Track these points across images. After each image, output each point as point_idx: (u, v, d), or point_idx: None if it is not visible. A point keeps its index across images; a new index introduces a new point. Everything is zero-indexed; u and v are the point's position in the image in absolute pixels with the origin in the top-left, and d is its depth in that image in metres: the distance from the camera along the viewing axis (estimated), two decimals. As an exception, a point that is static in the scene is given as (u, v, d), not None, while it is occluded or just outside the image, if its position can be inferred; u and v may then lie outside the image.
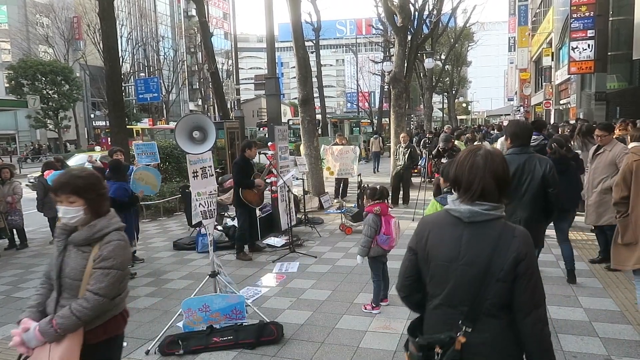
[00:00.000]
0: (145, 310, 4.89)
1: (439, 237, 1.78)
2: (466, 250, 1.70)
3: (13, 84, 33.39)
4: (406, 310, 4.48)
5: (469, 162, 1.76)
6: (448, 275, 1.73)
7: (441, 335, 1.72)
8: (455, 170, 1.79)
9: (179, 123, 4.21)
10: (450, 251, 1.73)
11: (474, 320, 1.69)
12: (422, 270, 1.85)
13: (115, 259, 2.17)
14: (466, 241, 1.71)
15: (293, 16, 10.20)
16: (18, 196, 8.13)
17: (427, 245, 1.81)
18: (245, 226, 6.83)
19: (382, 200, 4.51)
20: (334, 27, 78.67)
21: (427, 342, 1.75)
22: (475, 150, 1.80)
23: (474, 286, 1.68)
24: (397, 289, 2.00)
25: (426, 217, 1.98)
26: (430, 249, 1.80)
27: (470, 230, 1.72)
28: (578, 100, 22.37)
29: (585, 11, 18.59)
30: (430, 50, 24.49)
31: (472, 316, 1.69)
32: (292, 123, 27.17)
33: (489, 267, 1.66)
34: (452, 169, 1.82)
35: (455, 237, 1.74)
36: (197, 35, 48.91)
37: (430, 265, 1.80)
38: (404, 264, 1.94)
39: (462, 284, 1.70)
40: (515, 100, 53.42)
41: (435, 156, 8.52)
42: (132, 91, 34.45)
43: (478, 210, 1.70)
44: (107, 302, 2.17)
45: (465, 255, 1.70)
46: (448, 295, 1.74)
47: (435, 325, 1.79)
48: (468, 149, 1.85)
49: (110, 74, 11.12)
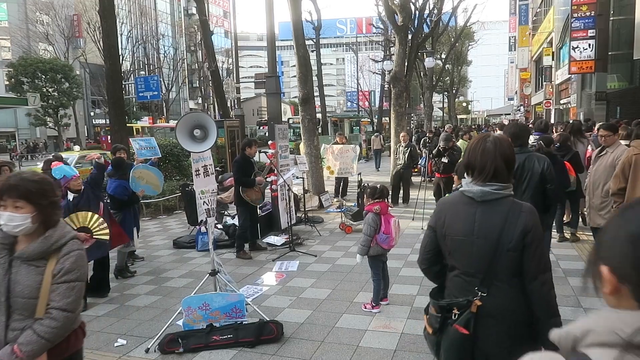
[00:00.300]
0: (145, 309, 4.89)
1: (455, 215, 2.03)
2: (480, 225, 1.94)
3: (13, 81, 33.36)
4: (406, 309, 4.48)
5: (481, 148, 1.99)
6: (465, 248, 1.98)
7: (460, 298, 1.96)
8: (468, 156, 2.03)
9: (180, 121, 4.22)
10: (465, 227, 1.97)
11: (488, 286, 1.91)
12: (441, 245, 2.09)
13: (78, 271, 2.01)
14: (479, 218, 1.95)
15: (293, 15, 10.18)
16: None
17: (445, 223, 2.05)
18: (246, 225, 6.83)
19: (382, 199, 4.51)
20: (334, 26, 78.62)
21: (447, 304, 1.99)
22: (484, 137, 2.05)
23: (487, 256, 1.91)
24: (419, 262, 2.28)
25: (443, 198, 2.29)
26: (447, 226, 2.04)
27: (483, 208, 1.95)
28: (578, 100, 22.36)
29: (586, 11, 18.57)
30: (431, 50, 24.46)
31: (487, 282, 1.92)
32: (293, 122, 27.13)
33: (500, 239, 1.88)
34: (464, 156, 2.06)
35: (469, 215, 1.97)
36: (197, 33, 48.88)
37: (448, 241, 2.04)
38: (424, 240, 2.19)
39: (478, 255, 1.93)
40: (516, 99, 53.40)
41: (436, 155, 8.51)
42: (132, 89, 34.42)
43: (489, 190, 1.93)
44: (74, 317, 2.04)
45: (479, 230, 1.93)
46: (466, 265, 1.98)
47: (455, 291, 2.03)
48: (478, 137, 2.10)
49: (111, 72, 11.12)
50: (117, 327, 4.43)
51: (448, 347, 1.96)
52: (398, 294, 4.91)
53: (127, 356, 3.84)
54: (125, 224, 5.77)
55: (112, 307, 4.99)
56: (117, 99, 11.17)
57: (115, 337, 4.19)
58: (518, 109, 47.17)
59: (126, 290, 5.51)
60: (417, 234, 7.55)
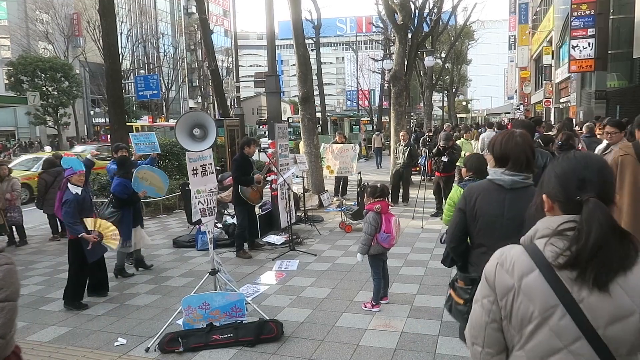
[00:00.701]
0: (145, 308, 4.89)
1: (487, 199, 2.37)
2: (509, 209, 2.29)
3: (13, 80, 33.31)
4: (406, 308, 4.49)
5: (513, 142, 2.31)
6: (494, 227, 2.32)
7: None
8: (501, 149, 2.34)
9: (180, 120, 4.21)
10: (496, 210, 2.33)
11: None
12: (469, 225, 2.43)
13: (8, 288, 1.75)
14: (508, 202, 2.30)
15: (293, 14, 10.17)
16: (17, 193, 8.13)
17: (475, 206, 2.39)
18: (245, 224, 6.83)
19: (383, 198, 4.50)
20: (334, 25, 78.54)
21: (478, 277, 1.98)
22: (512, 133, 2.36)
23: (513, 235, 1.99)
24: (448, 241, 2.59)
25: (472, 185, 2.60)
26: (478, 209, 2.38)
27: (512, 194, 2.30)
28: (578, 98, 22.36)
29: (585, 9, 18.55)
30: (431, 49, 24.44)
31: None
32: (292, 121, 27.12)
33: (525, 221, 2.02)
34: (496, 148, 2.37)
35: (500, 200, 2.33)
36: (197, 32, 48.86)
37: (478, 221, 2.38)
38: (454, 221, 2.51)
39: (505, 233, 2.20)
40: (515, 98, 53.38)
41: (436, 154, 8.51)
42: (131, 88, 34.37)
43: (517, 180, 2.29)
44: (5, 343, 1.76)
45: (508, 212, 2.27)
46: (494, 242, 2.12)
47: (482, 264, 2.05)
48: (504, 133, 2.42)
49: (110, 71, 11.10)
50: (117, 327, 4.43)
51: None
52: (398, 293, 4.91)
53: (127, 355, 3.84)
54: (123, 223, 5.76)
55: (112, 306, 4.99)
56: (116, 98, 11.16)
57: (115, 337, 4.19)
58: (518, 108, 47.14)
59: (126, 290, 5.52)
60: (416, 233, 7.55)
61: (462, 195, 2.52)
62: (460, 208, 2.47)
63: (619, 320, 1.19)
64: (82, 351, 3.95)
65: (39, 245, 8.18)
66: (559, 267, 1.25)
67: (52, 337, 4.29)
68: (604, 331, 1.19)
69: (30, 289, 5.73)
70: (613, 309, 1.19)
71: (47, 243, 8.24)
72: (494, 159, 2.40)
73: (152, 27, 47.97)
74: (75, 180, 4.92)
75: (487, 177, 2.42)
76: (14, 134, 40.28)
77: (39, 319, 4.74)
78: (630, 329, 1.19)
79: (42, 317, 4.77)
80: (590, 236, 1.21)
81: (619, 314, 1.19)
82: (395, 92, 12.39)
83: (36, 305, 5.14)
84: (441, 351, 3.63)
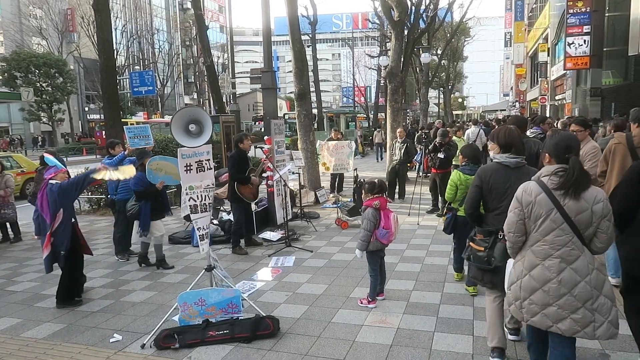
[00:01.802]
0: (140, 304, 4.88)
1: (498, 176, 3.27)
2: (515, 182, 3.05)
3: (6, 76, 33.09)
4: (402, 304, 4.50)
5: (514, 134, 3.29)
6: (506, 196, 3.18)
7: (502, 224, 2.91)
8: (505, 140, 3.27)
9: (175, 116, 4.18)
10: (506, 183, 3.23)
11: None
12: (485, 196, 3.33)
13: None
14: (514, 177, 3.19)
15: (289, 10, 10.13)
16: (10, 189, 8.07)
17: (490, 182, 3.28)
18: (241, 220, 6.81)
19: (381, 194, 4.49)
20: (330, 21, 78.40)
21: (496, 229, 3.24)
22: (510, 128, 3.36)
23: None
24: (467, 207, 3.43)
25: (483, 168, 3.46)
26: (493, 184, 3.28)
27: (516, 171, 3.24)
28: (573, 95, 22.44)
29: (581, 7, 18.61)
30: (427, 45, 24.40)
31: None
32: (288, 117, 27.09)
33: None
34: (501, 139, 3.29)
35: (507, 176, 3.24)
36: (192, 28, 48.58)
37: (493, 192, 3.28)
38: (472, 194, 3.39)
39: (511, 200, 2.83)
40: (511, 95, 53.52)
41: (432, 151, 8.51)
42: (126, 84, 34.24)
43: (519, 161, 3.26)
44: None
45: (515, 184, 2.94)
46: (504, 206, 3.00)
47: (496, 223, 3.25)
48: (504, 128, 3.38)
49: (105, 66, 11.03)
50: (112, 323, 4.41)
51: (501, 253, 3.11)
52: (394, 289, 4.92)
53: (122, 352, 3.83)
54: (141, 215, 5.97)
55: (107, 302, 4.97)
56: (111, 94, 11.09)
57: (111, 333, 4.17)
58: (513, 105, 47.27)
59: (121, 286, 5.50)
60: (412, 230, 7.56)
61: (477, 175, 3.39)
62: (477, 185, 3.35)
63: (581, 212, 2.48)
64: (77, 348, 3.94)
65: (33, 242, 8.13)
66: (554, 189, 2.52)
67: (47, 333, 4.27)
68: (574, 218, 2.49)
69: (25, 286, 5.70)
70: (579, 208, 2.48)
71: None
72: (499, 147, 3.31)
73: (147, 23, 47.67)
74: (61, 178, 4.85)
75: (494, 161, 3.33)
76: (8, 130, 40.00)
77: (33, 315, 4.71)
78: (587, 216, 2.48)
79: (37, 314, 4.74)
80: (573, 174, 2.47)
81: (581, 210, 2.48)
82: (392, 89, 12.38)
83: (31, 302, 5.11)
84: (437, 347, 3.64)
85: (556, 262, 2.53)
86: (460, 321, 4.07)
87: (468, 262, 3.47)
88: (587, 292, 2.49)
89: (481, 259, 3.26)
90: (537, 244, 2.59)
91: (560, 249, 2.52)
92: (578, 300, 2.50)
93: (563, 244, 2.51)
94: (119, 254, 6.69)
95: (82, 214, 10.13)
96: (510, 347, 3.51)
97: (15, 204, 8.32)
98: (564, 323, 2.53)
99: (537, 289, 2.59)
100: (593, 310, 2.50)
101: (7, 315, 4.75)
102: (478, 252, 3.29)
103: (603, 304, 2.52)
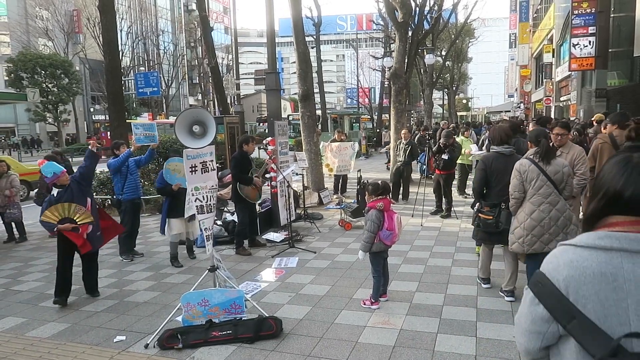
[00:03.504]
0: (144, 304, 4.90)
1: (498, 162, 4.48)
2: (509, 165, 4.21)
3: (12, 77, 33.29)
4: (405, 306, 4.50)
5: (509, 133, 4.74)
6: (503, 176, 4.30)
7: (503, 197, 4.30)
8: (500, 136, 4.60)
9: (179, 117, 4.20)
10: (504, 167, 4.37)
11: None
12: (490, 177, 4.50)
13: None
14: (509, 162, 4.30)
15: (294, 11, 10.15)
16: (16, 189, 8.12)
17: (492, 166, 4.49)
18: (245, 221, 6.82)
19: (385, 196, 4.49)
20: (334, 23, 78.46)
21: (499, 201, 4.37)
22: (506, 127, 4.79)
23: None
24: (476, 186, 4.60)
25: (486, 155, 4.82)
26: (495, 167, 4.47)
27: (509, 158, 4.44)
28: (578, 97, 22.34)
29: (586, 8, 18.52)
30: (431, 46, 24.39)
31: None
32: (292, 118, 27.09)
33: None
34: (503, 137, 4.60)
35: (505, 162, 4.43)
36: (197, 29, 48.73)
37: (494, 174, 4.47)
38: (478, 176, 4.58)
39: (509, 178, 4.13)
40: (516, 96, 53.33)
41: (436, 152, 8.50)
42: (131, 85, 34.38)
43: (511, 150, 4.57)
44: None
45: (509, 167, 4.17)
46: (504, 184, 4.27)
47: (498, 197, 4.41)
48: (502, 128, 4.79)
49: (110, 67, 11.10)
50: (116, 323, 4.43)
51: (505, 218, 4.30)
52: (397, 290, 4.92)
53: (126, 352, 3.85)
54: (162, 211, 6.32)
55: (111, 302, 5.00)
56: (116, 95, 11.15)
57: (115, 333, 4.19)
58: (518, 106, 47.12)
59: (125, 286, 5.52)
60: (416, 231, 7.55)
61: (481, 162, 4.66)
62: (482, 169, 4.56)
63: (557, 173, 3.90)
64: (81, 347, 3.96)
65: (38, 242, 8.18)
66: (538, 160, 3.92)
67: (51, 333, 4.29)
68: (553, 177, 3.88)
69: (30, 285, 5.74)
70: (554, 170, 3.90)
71: (46, 240, 8.23)
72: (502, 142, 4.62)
73: (152, 24, 47.86)
74: (61, 182, 4.85)
75: (493, 151, 4.64)
76: (14, 130, 40.24)
77: (38, 315, 4.74)
78: (560, 176, 3.90)
79: (42, 314, 4.77)
80: (543, 150, 3.92)
81: (556, 172, 3.90)
82: (396, 90, 12.38)
83: (36, 302, 5.14)
84: (440, 348, 3.64)
85: (547, 206, 3.89)
86: (463, 323, 4.07)
87: (476, 228, 4.67)
88: (564, 223, 3.90)
89: (490, 225, 4.42)
90: (533, 197, 3.93)
91: (548, 197, 3.89)
92: (559, 228, 3.90)
93: (549, 194, 3.88)
94: (123, 254, 6.72)
95: (87, 214, 10.18)
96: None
97: (21, 204, 8.37)
98: (551, 244, 3.82)
99: (535, 226, 3.92)
100: (566, 234, 3.89)
101: (12, 315, 4.78)
102: (487, 220, 4.44)
103: (573, 229, 3.92)
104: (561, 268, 1.16)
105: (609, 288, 1.10)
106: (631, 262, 1.10)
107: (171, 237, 6.29)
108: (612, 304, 1.09)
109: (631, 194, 1.13)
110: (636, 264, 1.10)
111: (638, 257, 1.11)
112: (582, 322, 1.10)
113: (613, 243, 1.13)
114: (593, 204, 1.23)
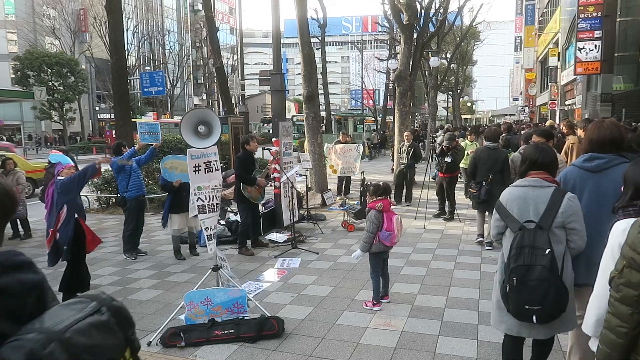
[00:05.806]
0: (147, 303, 4.93)
1: (484, 155, 6.38)
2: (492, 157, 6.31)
3: (19, 75, 33.52)
4: (407, 307, 4.51)
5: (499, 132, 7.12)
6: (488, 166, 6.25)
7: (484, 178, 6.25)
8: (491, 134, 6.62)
9: (185, 117, 4.23)
10: (489, 158, 6.31)
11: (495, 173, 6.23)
12: (478, 165, 6.34)
13: None
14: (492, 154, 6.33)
15: (299, 12, 10.18)
16: (22, 186, 8.18)
17: (480, 157, 6.38)
18: (248, 221, 6.85)
19: (385, 197, 4.51)
20: (339, 24, 78.50)
21: (481, 180, 6.26)
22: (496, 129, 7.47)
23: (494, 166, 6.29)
24: (469, 169, 6.57)
25: (476, 150, 7.05)
26: (481, 158, 6.38)
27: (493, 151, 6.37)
28: (584, 101, 22.26)
29: (592, 11, 18.46)
30: (436, 49, 24.37)
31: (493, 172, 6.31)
32: (297, 119, 27.13)
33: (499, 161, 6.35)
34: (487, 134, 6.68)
35: (490, 154, 6.34)
36: (203, 29, 48.80)
37: (481, 163, 6.31)
38: (472, 165, 6.45)
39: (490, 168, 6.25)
40: (520, 100, 53.20)
41: (439, 155, 8.50)
42: (137, 84, 34.46)
43: (497, 145, 6.53)
44: None
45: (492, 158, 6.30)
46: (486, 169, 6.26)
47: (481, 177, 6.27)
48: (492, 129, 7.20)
49: (116, 66, 11.16)
50: (119, 321, 4.45)
51: (485, 192, 6.12)
52: (399, 292, 4.93)
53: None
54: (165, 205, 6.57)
55: (114, 300, 5.02)
56: (122, 94, 11.21)
57: (118, 330, 4.21)
58: (523, 110, 46.99)
59: (129, 284, 5.56)
60: (419, 233, 7.56)
61: (474, 153, 6.62)
62: (474, 157, 6.44)
63: None
64: (84, 344, 3.99)
65: (43, 239, 8.21)
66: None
67: (55, 330, 4.32)
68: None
69: (34, 282, 5.77)
70: None
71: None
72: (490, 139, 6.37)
73: (158, 24, 48.04)
74: (66, 174, 4.91)
75: (484, 146, 6.37)
76: (20, 128, 40.46)
77: (42, 311, 4.77)
78: None
79: (46, 310, 4.80)
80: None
81: None
82: (400, 92, 12.38)
83: (40, 299, 5.17)
84: (441, 351, 3.65)
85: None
86: (464, 325, 4.08)
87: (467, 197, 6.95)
88: None
89: (475, 196, 6.33)
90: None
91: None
92: None
93: None
94: (127, 252, 6.75)
95: (91, 212, 10.23)
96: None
97: (26, 201, 8.43)
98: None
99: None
100: None
101: (17, 311, 4.81)
102: (473, 193, 6.38)
103: None
104: (505, 195, 2.77)
105: (522, 202, 2.66)
106: (533, 190, 2.66)
107: (172, 231, 6.53)
108: (523, 209, 2.65)
109: (541, 160, 2.74)
110: (535, 190, 2.66)
111: (536, 189, 2.66)
112: (510, 217, 2.68)
113: (526, 183, 2.72)
114: (524, 167, 2.80)
